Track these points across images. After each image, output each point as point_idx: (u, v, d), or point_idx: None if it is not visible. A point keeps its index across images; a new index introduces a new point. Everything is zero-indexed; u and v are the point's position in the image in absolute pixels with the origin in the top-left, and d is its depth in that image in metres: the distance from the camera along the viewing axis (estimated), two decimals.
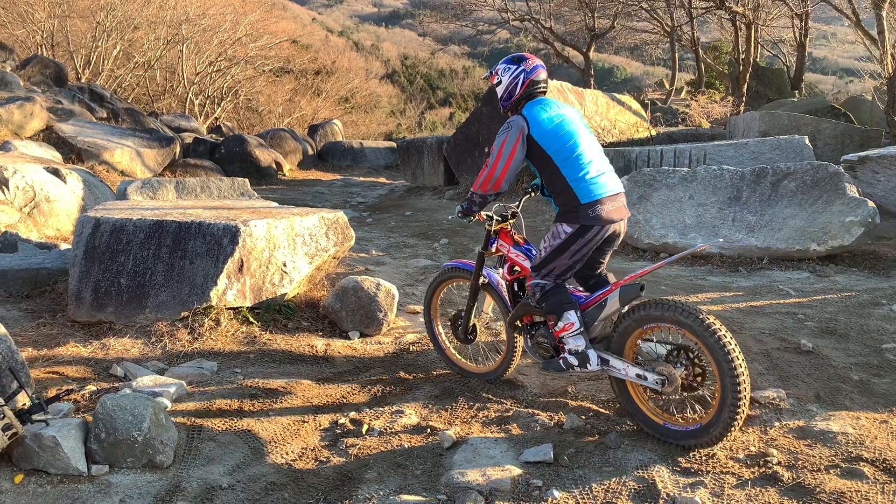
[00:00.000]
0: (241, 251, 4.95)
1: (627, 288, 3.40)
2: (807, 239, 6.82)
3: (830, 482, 2.96)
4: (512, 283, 3.91)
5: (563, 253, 3.48)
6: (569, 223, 3.44)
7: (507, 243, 3.88)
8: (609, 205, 3.44)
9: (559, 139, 3.46)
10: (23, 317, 5.07)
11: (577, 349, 3.48)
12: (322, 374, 4.37)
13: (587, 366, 3.47)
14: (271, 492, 3.06)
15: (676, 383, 3.27)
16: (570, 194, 3.42)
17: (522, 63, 3.64)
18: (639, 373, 3.34)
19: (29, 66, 17.05)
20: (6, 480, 2.99)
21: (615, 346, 3.45)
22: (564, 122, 3.51)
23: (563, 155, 3.45)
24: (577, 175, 3.42)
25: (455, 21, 32.63)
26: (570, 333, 3.49)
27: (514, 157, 3.48)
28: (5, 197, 8.13)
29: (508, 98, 3.66)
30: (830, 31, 36.65)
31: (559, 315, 3.51)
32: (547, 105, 3.57)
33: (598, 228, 3.43)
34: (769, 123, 12.40)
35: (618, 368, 3.42)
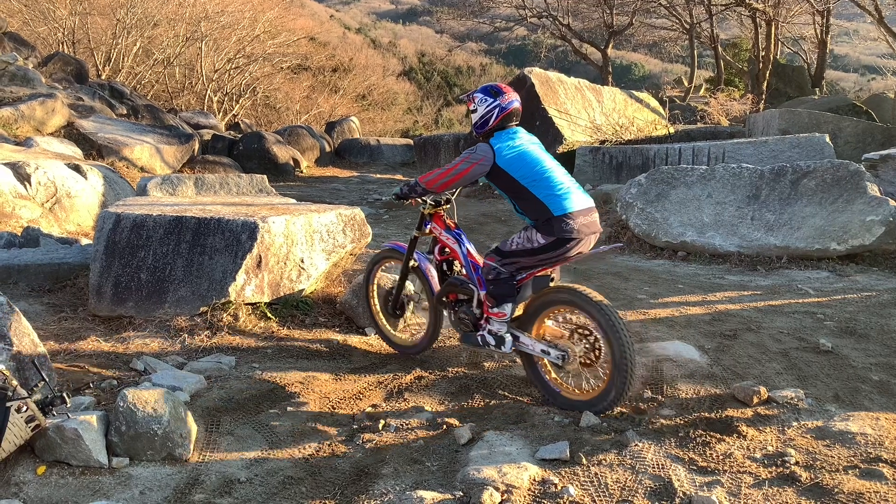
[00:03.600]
0: (260, 247, 4.99)
1: (539, 279, 3.76)
2: (827, 238, 6.76)
3: (849, 483, 2.94)
4: (441, 263, 4.28)
5: (531, 256, 3.73)
6: (543, 234, 3.66)
7: (440, 227, 4.23)
8: (582, 218, 3.66)
9: (525, 165, 3.72)
10: (45, 311, 5.13)
11: (498, 332, 3.85)
12: (339, 369, 4.40)
13: (501, 347, 3.85)
14: (288, 486, 3.09)
15: (576, 359, 3.65)
16: (543, 208, 3.64)
17: (499, 97, 3.84)
18: (544, 349, 3.72)
19: (50, 63, 17.23)
20: (29, 471, 3.04)
21: (525, 325, 3.83)
22: (529, 150, 3.78)
23: (531, 178, 3.69)
24: (548, 192, 3.66)
25: (472, 18, 32.58)
26: (499, 320, 3.84)
27: (466, 175, 3.83)
28: (27, 192, 8.24)
29: (482, 127, 3.88)
30: (852, 28, 36.24)
31: (499, 303, 3.82)
32: (514, 135, 3.84)
33: (571, 246, 3.65)
34: (789, 121, 12.29)
35: (526, 344, 3.79)
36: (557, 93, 12.57)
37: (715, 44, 25.94)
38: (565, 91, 12.82)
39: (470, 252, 4.11)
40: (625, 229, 8.12)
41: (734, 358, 4.38)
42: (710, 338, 4.73)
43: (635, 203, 7.85)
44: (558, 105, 12.30)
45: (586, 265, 7.06)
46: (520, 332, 3.82)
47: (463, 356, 4.52)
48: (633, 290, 5.97)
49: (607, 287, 6.10)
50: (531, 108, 12.13)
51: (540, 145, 3.93)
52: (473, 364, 4.41)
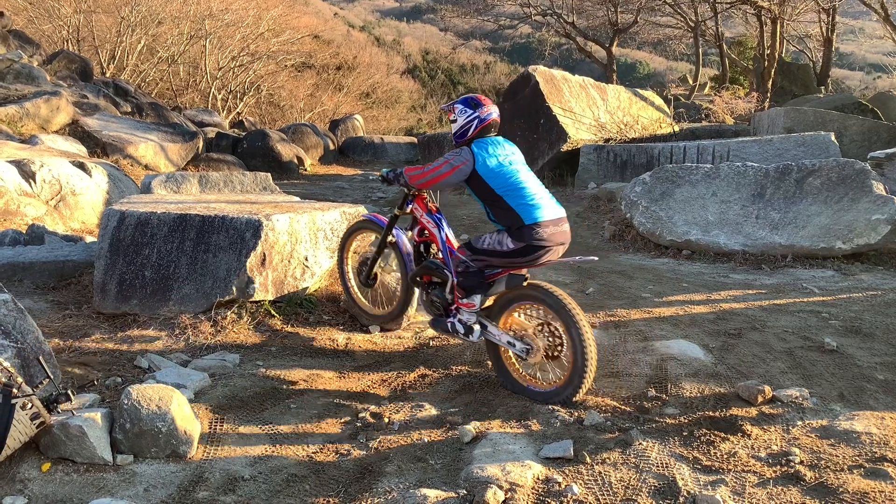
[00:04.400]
0: (264, 245, 4.99)
1: (514, 277, 3.89)
2: (832, 237, 6.74)
3: (854, 482, 2.93)
4: (419, 245, 4.40)
5: (500, 258, 3.87)
6: (514, 240, 3.80)
7: (422, 209, 4.34)
8: (552, 227, 3.82)
9: (502, 175, 3.85)
10: (49, 308, 5.14)
11: (467, 322, 3.99)
12: (343, 367, 4.40)
13: (469, 336, 3.99)
14: (292, 483, 3.09)
15: (539, 352, 3.80)
16: (515, 216, 3.79)
17: (478, 109, 3.99)
18: (509, 340, 3.87)
19: (55, 61, 17.26)
20: (34, 468, 3.05)
21: (494, 316, 3.98)
22: (506, 161, 3.92)
23: (506, 188, 3.83)
24: (521, 202, 3.80)
25: (477, 16, 32.55)
26: (468, 310, 3.98)
27: (447, 177, 3.94)
28: (32, 190, 8.26)
29: (462, 136, 4.02)
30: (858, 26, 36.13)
31: (468, 294, 3.97)
32: (494, 145, 3.97)
33: (544, 251, 3.81)
34: (794, 120, 12.25)
35: (493, 334, 3.94)
36: (562, 91, 12.55)
37: (720, 42, 25.88)
38: (570, 89, 12.80)
39: (448, 238, 4.26)
40: (629, 228, 8.11)
41: (739, 357, 4.37)
42: (715, 336, 4.72)
43: (640, 201, 7.83)
44: (563, 103, 12.28)
45: (590, 264, 7.05)
46: (488, 321, 3.98)
47: (466, 354, 4.52)
48: (638, 289, 5.96)
49: (612, 285, 6.09)
50: (535, 105, 12.12)
51: (518, 155, 4.07)
52: (477, 362, 4.41)
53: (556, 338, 3.79)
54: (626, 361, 4.33)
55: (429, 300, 4.28)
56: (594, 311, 5.31)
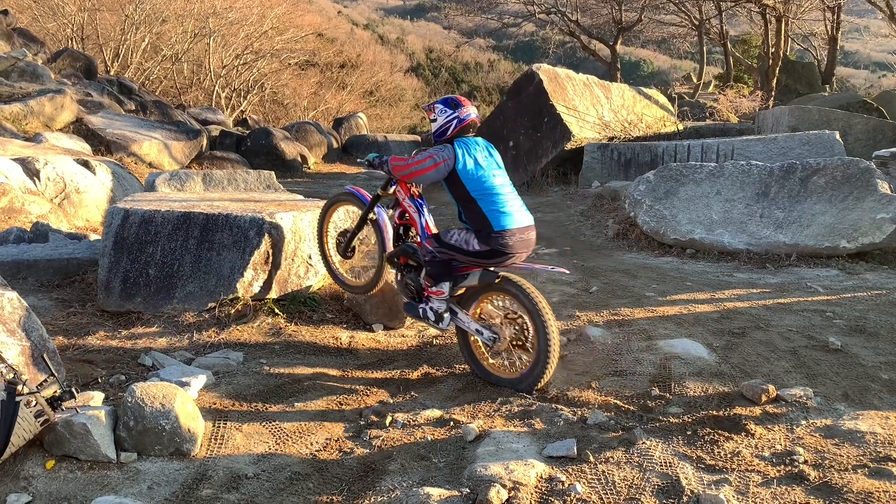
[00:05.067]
0: (268, 243, 4.99)
1: (488, 273, 4.01)
2: (836, 236, 6.72)
3: (858, 482, 2.92)
4: (399, 227, 4.51)
5: (465, 255, 4.00)
6: (480, 242, 3.93)
7: (404, 192, 4.44)
8: (518, 235, 3.94)
9: (478, 179, 3.95)
10: (54, 306, 5.15)
11: (438, 310, 4.15)
12: (346, 365, 4.40)
13: (440, 324, 4.17)
14: (295, 482, 3.09)
15: (505, 341, 3.98)
16: (486, 222, 3.91)
17: (458, 110, 4.08)
18: (478, 328, 4.05)
19: (60, 59, 17.29)
20: (38, 466, 3.06)
21: (465, 304, 4.15)
22: (484, 164, 4.01)
23: (480, 192, 3.94)
24: (492, 208, 3.92)
25: (480, 14, 32.50)
26: (438, 298, 4.14)
27: (428, 172, 4.02)
28: (36, 188, 8.27)
29: (441, 135, 4.10)
30: (863, 25, 36.03)
31: (436, 282, 4.12)
32: (475, 146, 4.07)
33: (507, 257, 3.94)
34: (799, 118, 12.22)
35: (463, 322, 4.11)
36: (566, 89, 12.53)
37: (724, 40, 25.82)
38: (574, 87, 12.78)
39: (427, 224, 4.37)
40: (633, 226, 8.09)
41: (743, 356, 4.36)
42: (719, 336, 4.71)
43: (644, 200, 7.82)
44: (567, 101, 12.27)
45: (593, 263, 7.05)
46: (459, 308, 4.14)
47: None
48: (642, 288, 5.95)
49: (615, 284, 6.08)
50: (539, 104, 12.10)
51: (496, 157, 4.16)
52: None
53: (522, 328, 3.96)
54: (629, 360, 4.33)
55: (403, 282, 4.44)
56: (598, 309, 5.31)
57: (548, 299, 5.61)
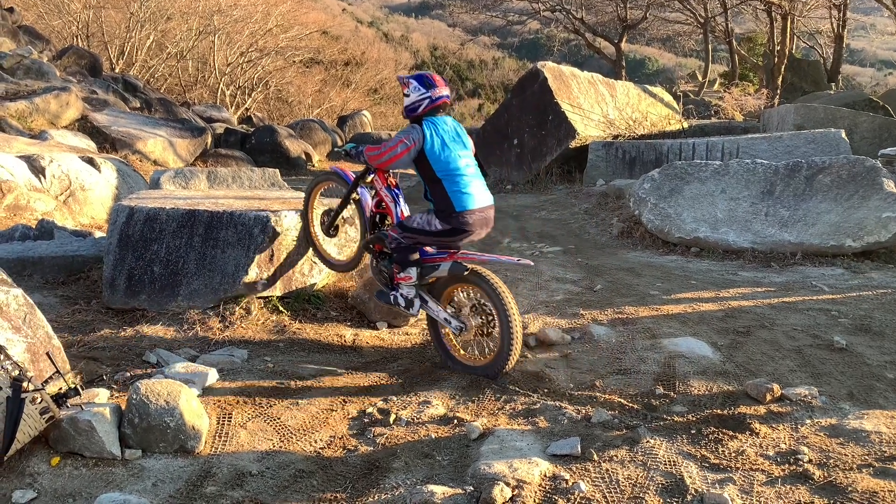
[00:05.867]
0: (272, 241, 5.00)
1: (457, 265, 4.13)
2: (842, 235, 6.70)
3: (863, 481, 2.92)
4: (375, 215, 4.60)
5: (429, 236, 4.17)
6: (441, 222, 4.10)
7: (382, 182, 4.53)
8: (478, 215, 4.11)
9: (444, 160, 4.08)
10: (58, 303, 5.17)
11: (407, 296, 4.32)
12: (350, 363, 4.41)
13: (410, 309, 4.34)
14: (300, 479, 3.10)
15: (472, 330, 4.16)
16: (448, 202, 4.07)
17: (431, 90, 4.15)
18: (446, 317, 4.21)
19: (65, 57, 17.33)
20: (43, 462, 3.07)
21: (436, 293, 4.31)
22: (451, 145, 4.12)
23: (446, 172, 4.08)
24: (455, 189, 4.07)
25: (485, 12, 32.48)
26: (406, 284, 4.30)
27: (402, 157, 4.14)
28: (42, 185, 8.29)
29: (412, 112, 4.19)
30: (869, 23, 35.91)
31: (404, 268, 4.28)
32: (443, 126, 4.16)
33: (464, 235, 4.12)
34: (804, 116, 12.19)
35: (433, 310, 4.28)
36: (570, 87, 12.52)
37: (729, 38, 25.75)
38: (578, 85, 12.76)
39: (402, 213, 4.48)
40: (637, 225, 8.08)
41: (747, 355, 4.35)
42: (723, 334, 4.70)
43: (648, 198, 7.81)
44: (571, 99, 12.25)
45: (598, 261, 7.04)
46: (430, 297, 4.30)
47: None
48: (646, 286, 5.95)
49: (620, 283, 6.08)
50: (544, 102, 12.08)
51: (462, 137, 4.27)
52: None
53: (489, 318, 4.13)
54: (633, 359, 4.32)
55: (377, 269, 4.60)
56: (602, 308, 5.30)
57: (552, 297, 5.64)
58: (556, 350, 4.53)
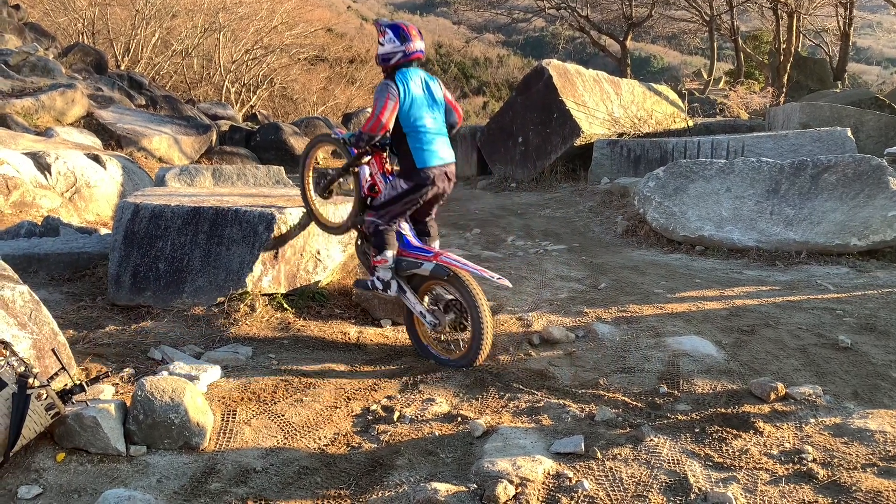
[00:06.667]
0: (277, 238, 5.01)
1: (440, 268, 4.24)
2: (847, 233, 6.69)
3: (867, 481, 2.91)
4: (366, 198, 4.65)
5: (397, 202, 4.33)
6: (405, 180, 4.29)
7: (378, 166, 4.59)
8: (438, 170, 4.29)
9: (411, 116, 4.22)
10: (64, 299, 5.19)
11: (383, 278, 4.44)
12: (354, 360, 4.41)
13: (387, 291, 4.46)
14: (303, 476, 3.10)
15: (445, 326, 4.32)
16: (410, 159, 4.26)
17: (406, 44, 4.24)
18: (422, 311, 4.37)
19: (70, 54, 17.37)
20: (49, 458, 3.08)
21: (414, 285, 4.45)
22: (419, 100, 4.25)
23: (411, 128, 4.24)
24: (418, 146, 4.25)
25: (490, 9, 32.47)
26: (382, 267, 4.42)
27: (392, 109, 4.17)
28: (47, 182, 8.32)
29: (385, 61, 4.29)
30: (876, 21, 35.78)
31: (380, 251, 4.39)
32: (414, 81, 4.26)
33: (427, 188, 4.29)
34: (810, 115, 12.15)
35: (410, 301, 4.42)
36: (575, 85, 12.50)
37: (735, 36, 25.68)
38: (583, 83, 12.74)
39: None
40: (642, 223, 8.07)
41: (751, 353, 4.35)
42: (728, 333, 4.69)
43: (653, 197, 7.80)
44: (576, 97, 12.23)
45: (602, 259, 7.03)
46: (408, 288, 4.44)
47: None
48: (650, 285, 5.94)
49: (624, 281, 6.07)
50: (549, 99, 12.07)
51: (433, 92, 4.36)
52: (488, 357, 4.40)
53: (462, 315, 4.28)
54: (637, 357, 4.32)
55: (362, 249, 4.80)
56: (606, 306, 5.30)
57: (557, 295, 5.63)
58: (560, 348, 4.53)
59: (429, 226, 4.68)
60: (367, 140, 4.33)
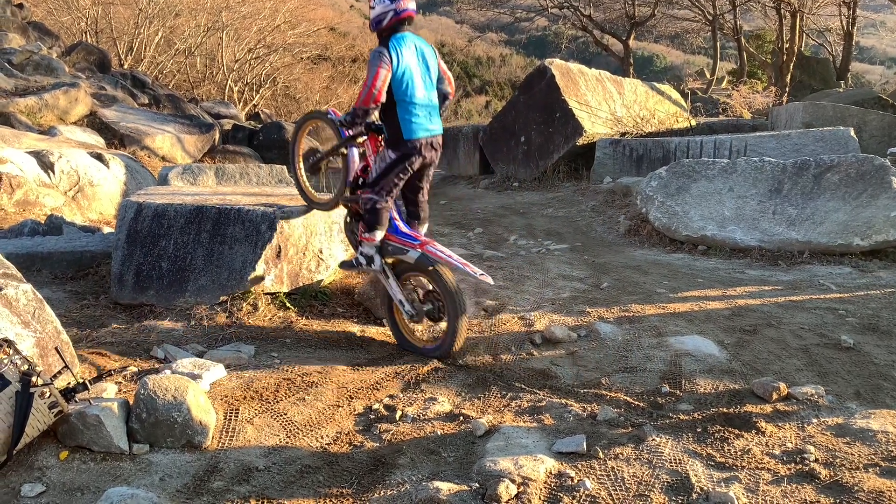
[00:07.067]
0: (279, 237, 5.02)
1: (425, 258, 4.31)
2: (850, 233, 6.68)
3: (869, 481, 2.91)
4: (358, 178, 4.71)
5: (389, 173, 4.36)
6: (393, 150, 4.33)
7: (372, 149, 4.60)
8: (425, 140, 4.33)
9: (402, 83, 4.22)
10: (67, 298, 5.20)
11: (368, 253, 4.52)
12: (357, 359, 4.42)
13: (371, 265, 4.53)
14: (306, 475, 3.11)
15: (422, 316, 4.43)
16: (398, 129, 4.28)
17: (395, 2, 4.25)
18: (402, 299, 4.46)
19: (74, 53, 17.39)
20: (52, 456, 3.09)
21: (399, 274, 4.55)
22: (410, 69, 4.25)
23: (401, 97, 4.24)
24: (406, 116, 4.27)
25: (493, 8, 32.40)
26: (369, 244, 4.49)
27: (384, 75, 4.16)
28: (51, 181, 8.34)
29: (377, 24, 4.32)
30: (879, 20, 35.70)
31: (370, 229, 4.46)
32: (409, 48, 4.27)
33: (414, 157, 4.33)
34: (813, 114, 12.13)
35: (392, 288, 4.51)
36: (578, 84, 12.49)
37: (738, 35, 25.64)
38: (586, 82, 12.73)
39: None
40: (645, 222, 8.07)
41: (754, 353, 4.34)
42: (730, 333, 4.69)
43: (655, 196, 7.79)
44: (579, 97, 12.22)
45: (605, 259, 7.03)
46: (391, 274, 4.52)
47: (480, 348, 4.53)
48: (653, 284, 5.94)
49: (626, 280, 6.07)
50: (551, 99, 12.06)
51: (427, 60, 4.39)
52: (491, 356, 4.41)
53: (439, 306, 4.38)
54: (639, 357, 4.32)
55: (349, 227, 4.86)
56: (608, 306, 5.30)
57: (559, 295, 5.63)
58: (563, 348, 4.53)
59: (420, 207, 4.72)
60: (363, 115, 4.27)
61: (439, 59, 4.53)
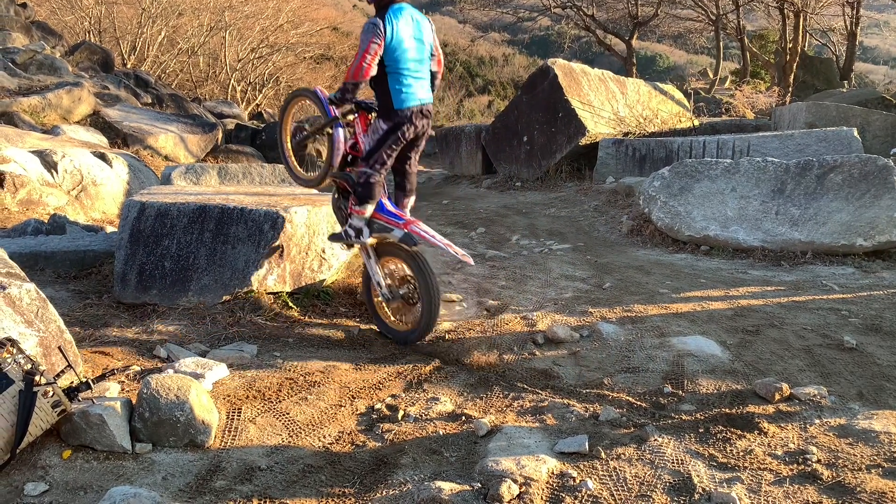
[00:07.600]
0: (282, 237, 5.02)
1: (409, 237, 4.40)
2: (853, 234, 6.67)
3: (871, 482, 2.91)
4: (347, 155, 4.75)
5: (382, 144, 4.42)
6: (385, 121, 4.39)
7: (362, 127, 4.66)
8: (416, 110, 4.39)
9: (395, 54, 4.26)
10: (70, 297, 5.21)
11: (357, 225, 4.62)
12: (359, 359, 4.42)
13: (360, 237, 4.62)
14: (308, 474, 3.11)
15: (398, 299, 4.61)
16: (389, 99, 4.33)
17: None
18: (379, 280, 4.64)
19: (77, 52, 17.42)
20: (55, 455, 3.10)
21: (379, 255, 4.69)
22: (404, 41, 4.28)
23: (393, 68, 4.29)
24: (398, 86, 4.31)
25: (496, 8, 32.42)
26: (359, 217, 4.59)
27: (374, 49, 4.20)
28: (54, 180, 8.35)
29: None
30: (883, 20, 35.63)
31: (362, 203, 4.53)
32: (403, 18, 4.30)
33: (406, 127, 4.38)
34: (816, 115, 12.11)
35: (372, 268, 4.68)
36: (581, 84, 12.49)
37: (741, 35, 25.60)
38: (589, 82, 12.73)
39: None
40: (647, 222, 8.07)
41: (756, 354, 4.34)
42: (732, 333, 4.69)
43: (658, 196, 7.79)
44: (581, 97, 12.22)
45: (607, 259, 7.03)
46: (373, 254, 4.67)
47: (482, 348, 4.53)
48: (655, 284, 5.94)
49: (629, 280, 6.07)
50: (554, 99, 12.06)
51: (423, 33, 4.43)
52: (493, 356, 4.41)
53: (415, 291, 4.52)
54: (642, 357, 4.32)
55: (337, 204, 4.93)
56: (611, 306, 5.30)
57: (561, 295, 5.63)
58: (565, 348, 4.53)
59: (408, 178, 4.79)
60: (353, 89, 4.35)
61: (434, 33, 4.56)
